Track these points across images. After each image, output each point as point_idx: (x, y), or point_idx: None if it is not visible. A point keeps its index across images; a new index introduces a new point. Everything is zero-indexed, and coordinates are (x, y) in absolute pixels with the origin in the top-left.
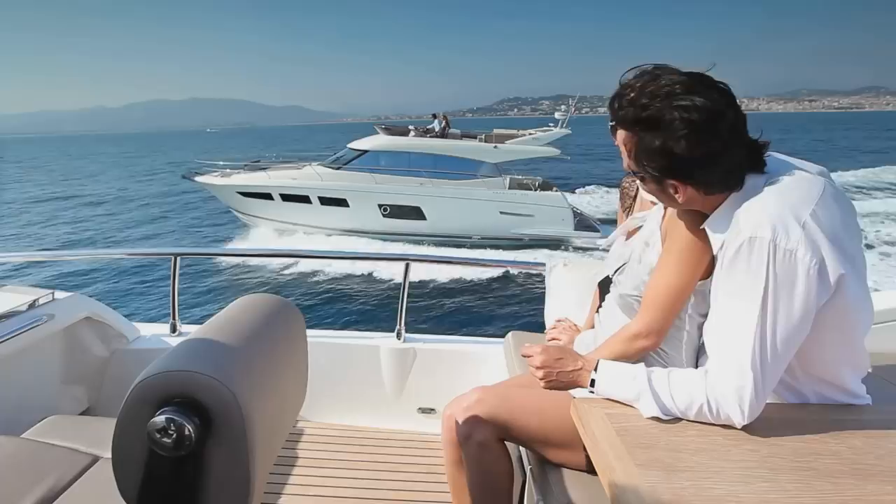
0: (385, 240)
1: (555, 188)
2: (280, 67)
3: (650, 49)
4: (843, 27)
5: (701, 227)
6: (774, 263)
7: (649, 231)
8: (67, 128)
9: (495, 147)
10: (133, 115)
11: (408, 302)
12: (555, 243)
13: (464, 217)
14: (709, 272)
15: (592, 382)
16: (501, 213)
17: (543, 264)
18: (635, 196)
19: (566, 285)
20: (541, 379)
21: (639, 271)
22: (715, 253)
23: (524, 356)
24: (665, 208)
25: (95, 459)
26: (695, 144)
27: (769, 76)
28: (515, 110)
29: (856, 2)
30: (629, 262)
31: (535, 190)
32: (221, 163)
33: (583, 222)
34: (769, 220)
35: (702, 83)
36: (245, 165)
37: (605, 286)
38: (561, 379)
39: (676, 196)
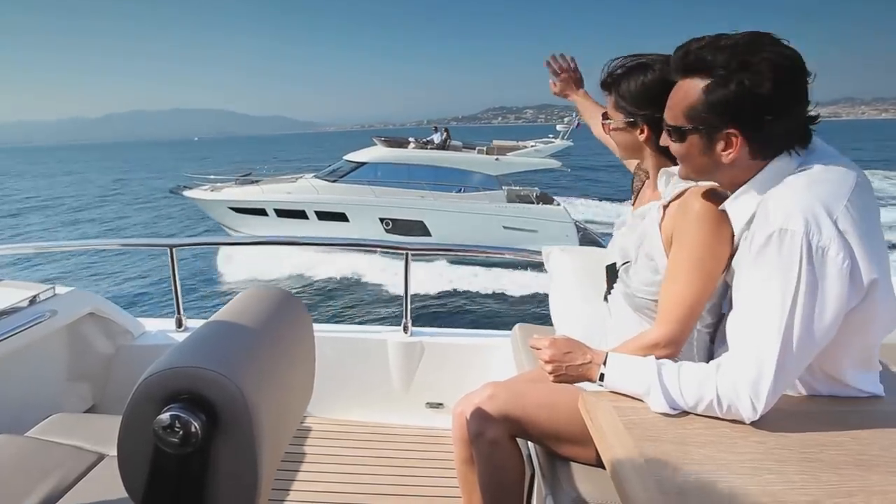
0: (391, 255)
1: (556, 201)
2: (261, 77)
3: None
4: (820, 41)
5: (716, 231)
6: (806, 260)
7: (649, 232)
8: (44, 138)
9: (497, 159)
10: (113, 125)
11: (412, 295)
12: None
13: (468, 232)
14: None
15: (602, 377)
16: (505, 227)
17: (539, 252)
18: (639, 190)
19: (567, 270)
20: (549, 373)
21: (643, 273)
22: (737, 234)
23: (533, 348)
24: (663, 210)
25: (101, 457)
26: (779, 88)
27: None
28: (500, 119)
29: (828, 16)
30: (633, 261)
31: (535, 201)
32: (212, 176)
33: (586, 237)
34: (801, 213)
35: (779, 41)
36: (236, 179)
37: (611, 272)
38: (570, 373)
39: (725, 154)
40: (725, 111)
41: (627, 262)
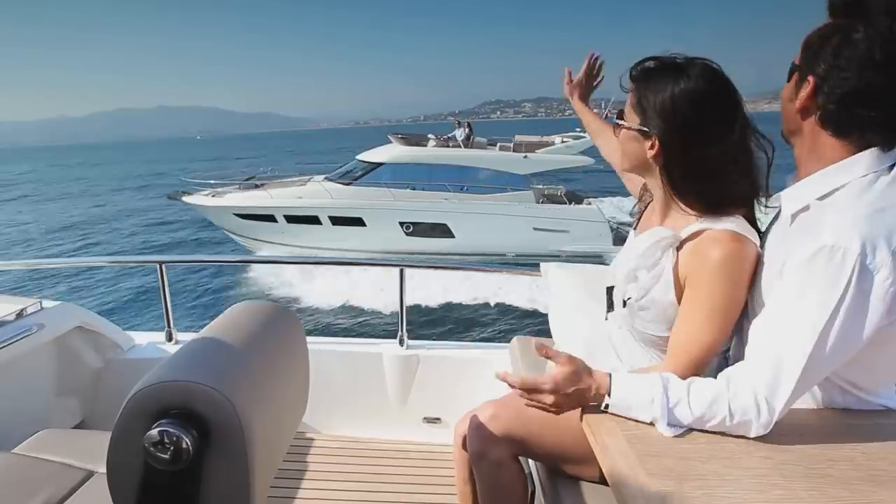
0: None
1: (587, 200)
2: (250, 74)
3: (625, 51)
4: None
5: (736, 278)
6: (856, 280)
7: (661, 270)
8: (27, 139)
9: (525, 157)
10: (98, 124)
11: (407, 309)
12: (594, 260)
13: (495, 234)
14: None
15: (607, 406)
16: (535, 229)
17: (538, 266)
18: (641, 213)
19: (566, 286)
20: (550, 405)
21: (655, 312)
22: (787, 213)
23: (545, 356)
24: (677, 249)
25: (90, 474)
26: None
27: (746, 77)
28: (498, 113)
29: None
30: (645, 298)
31: (565, 200)
32: (213, 181)
33: (620, 236)
34: (859, 235)
35: None
36: (239, 184)
37: (612, 294)
38: (571, 403)
39: (799, 99)
40: (819, 56)
41: (631, 298)
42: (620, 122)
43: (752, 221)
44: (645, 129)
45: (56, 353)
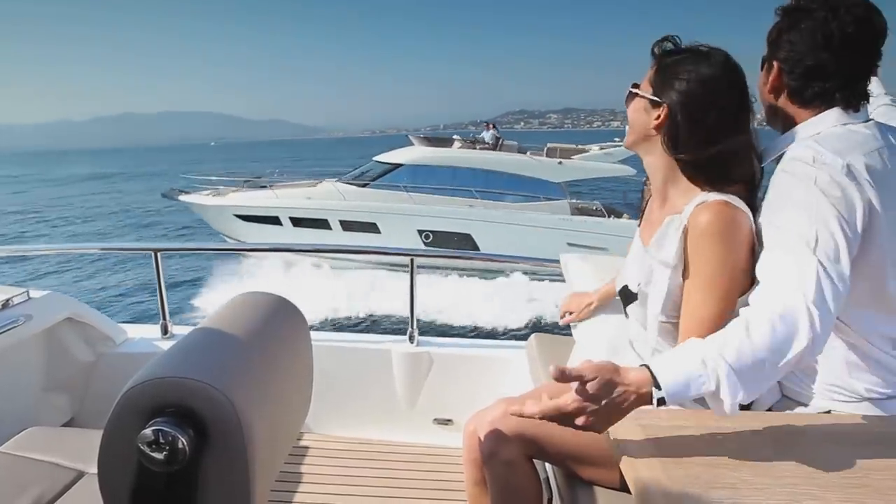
0: (430, 273)
1: (625, 215)
2: (258, 77)
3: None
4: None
5: (725, 243)
6: (817, 177)
7: (673, 255)
8: (27, 143)
9: (560, 163)
10: (101, 128)
11: (418, 303)
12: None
13: (525, 248)
14: (746, 288)
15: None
16: (570, 244)
17: (558, 260)
18: (644, 206)
19: (587, 279)
20: (585, 424)
21: (669, 298)
22: (765, 163)
23: (562, 380)
24: (684, 231)
25: (80, 475)
26: (846, 42)
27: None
28: (522, 123)
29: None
30: (667, 293)
31: (602, 213)
32: (214, 178)
33: None
34: (812, 148)
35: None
36: (245, 182)
37: (625, 294)
38: (612, 416)
39: (769, 83)
40: (779, 45)
41: (640, 284)
42: (634, 90)
43: (752, 203)
44: (656, 98)
45: (44, 346)
